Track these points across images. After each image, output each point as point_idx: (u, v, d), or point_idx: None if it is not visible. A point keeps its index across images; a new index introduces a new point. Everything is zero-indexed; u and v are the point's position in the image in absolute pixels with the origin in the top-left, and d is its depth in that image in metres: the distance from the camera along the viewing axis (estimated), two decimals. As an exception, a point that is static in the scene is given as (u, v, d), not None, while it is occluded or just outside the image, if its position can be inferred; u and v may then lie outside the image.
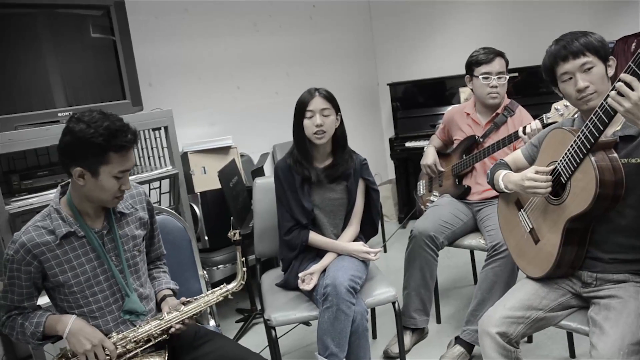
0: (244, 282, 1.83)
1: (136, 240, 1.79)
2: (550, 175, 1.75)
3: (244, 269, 1.82)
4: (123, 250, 1.74)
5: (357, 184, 2.40)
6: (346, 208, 2.41)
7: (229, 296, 1.81)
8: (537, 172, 1.78)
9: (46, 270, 1.63)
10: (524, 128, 2.50)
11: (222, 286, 1.82)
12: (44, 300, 1.77)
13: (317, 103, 2.27)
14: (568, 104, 2.23)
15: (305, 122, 2.29)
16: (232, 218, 1.88)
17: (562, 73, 1.73)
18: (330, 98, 2.30)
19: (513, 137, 2.57)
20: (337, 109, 2.32)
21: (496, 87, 2.69)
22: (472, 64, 2.75)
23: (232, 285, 1.82)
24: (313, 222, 2.40)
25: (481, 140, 2.80)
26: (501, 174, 1.99)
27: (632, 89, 1.44)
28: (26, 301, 1.67)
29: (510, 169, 2.04)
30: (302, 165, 2.34)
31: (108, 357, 1.62)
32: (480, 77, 2.71)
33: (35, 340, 1.66)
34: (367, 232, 2.49)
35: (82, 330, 1.62)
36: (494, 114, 2.78)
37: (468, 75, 2.79)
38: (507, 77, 2.73)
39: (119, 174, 1.60)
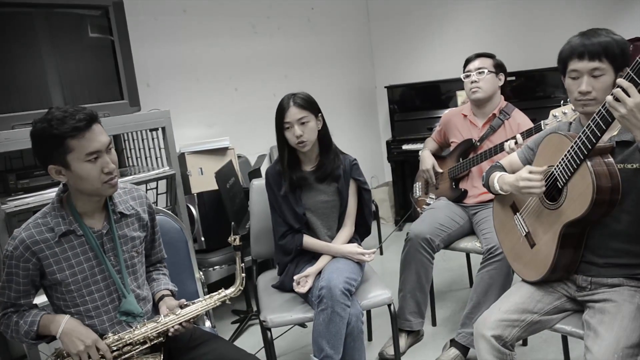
0: (242, 288, 1.82)
1: (135, 242, 1.79)
2: (545, 175, 1.76)
3: (243, 274, 1.82)
4: (122, 251, 1.73)
5: (348, 185, 2.39)
6: (339, 210, 2.41)
7: (227, 301, 1.81)
8: (531, 172, 1.79)
9: (44, 267, 1.63)
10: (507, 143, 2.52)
11: (220, 291, 1.81)
12: (41, 299, 1.77)
13: (293, 114, 2.24)
14: (566, 111, 2.23)
15: (286, 134, 2.28)
16: (232, 223, 1.87)
17: (572, 69, 1.71)
18: (306, 105, 2.26)
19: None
20: (316, 112, 2.30)
21: (476, 81, 2.75)
22: (463, 68, 2.84)
23: (230, 291, 1.81)
24: (307, 226, 2.40)
25: (478, 144, 2.81)
26: (496, 176, 2.00)
27: (629, 96, 1.45)
28: (23, 298, 1.67)
29: (506, 172, 2.04)
30: (288, 171, 2.34)
31: (102, 359, 1.62)
32: (463, 75, 2.81)
33: (29, 340, 1.66)
34: (360, 232, 2.50)
35: (75, 330, 1.61)
36: (491, 115, 2.80)
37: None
38: (488, 72, 2.74)
39: (87, 157, 1.56)
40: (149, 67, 3.39)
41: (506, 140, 2.55)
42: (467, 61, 2.84)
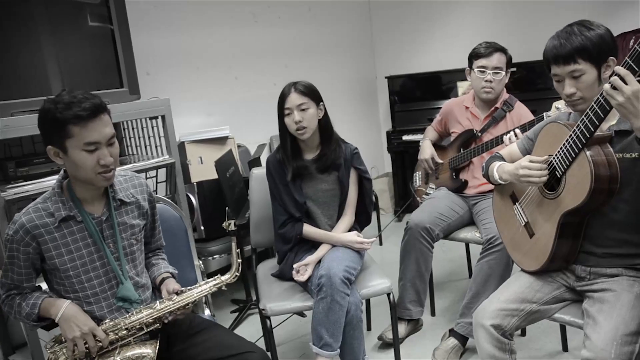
0: (238, 274, 1.81)
1: (134, 229, 1.79)
2: (545, 164, 1.76)
3: (239, 260, 1.81)
4: (120, 237, 1.73)
5: (349, 173, 2.39)
6: (339, 198, 2.41)
7: (223, 287, 1.81)
8: (531, 161, 1.78)
9: (43, 252, 1.63)
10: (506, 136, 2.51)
11: (216, 277, 1.81)
12: (44, 286, 1.77)
13: (293, 99, 2.26)
14: None
15: (286, 120, 2.29)
16: (227, 208, 1.87)
17: (553, 74, 1.73)
18: (307, 92, 2.27)
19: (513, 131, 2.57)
20: (317, 100, 2.31)
21: (491, 82, 2.70)
22: (472, 57, 2.76)
23: (226, 277, 1.81)
24: (307, 214, 2.40)
25: (479, 134, 2.80)
26: (495, 165, 1.99)
27: (626, 83, 1.44)
28: (25, 282, 1.68)
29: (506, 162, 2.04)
30: (291, 159, 2.34)
31: (99, 345, 1.62)
32: (477, 70, 2.72)
33: (30, 322, 1.67)
34: (361, 221, 2.50)
35: (75, 316, 1.62)
36: (493, 108, 2.78)
37: (468, 68, 2.80)
38: (504, 73, 2.72)
39: (86, 146, 1.55)
40: (148, 56, 3.38)
41: (506, 133, 2.54)
42: (481, 54, 2.70)
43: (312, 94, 2.29)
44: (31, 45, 2.46)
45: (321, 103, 2.33)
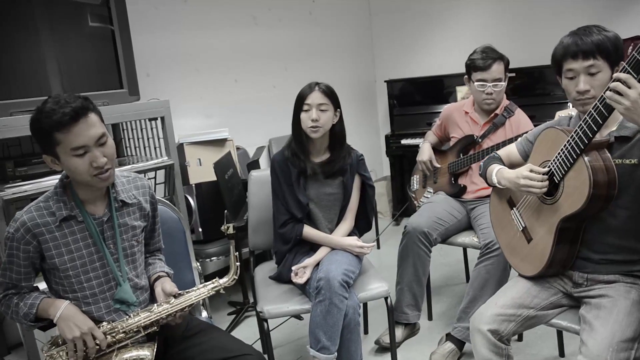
0: (236, 277, 1.80)
1: (135, 231, 1.78)
2: (546, 175, 1.76)
3: (237, 263, 1.80)
4: (121, 239, 1.73)
5: (353, 179, 2.40)
6: (341, 203, 2.41)
7: (221, 291, 1.80)
8: (531, 171, 1.79)
9: (44, 251, 1.63)
10: None
11: (214, 280, 1.79)
12: (43, 285, 1.76)
13: (315, 97, 2.27)
14: (572, 113, 2.23)
15: (302, 115, 2.30)
16: (225, 211, 1.87)
17: (568, 69, 1.71)
18: (329, 94, 2.30)
19: (514, 140, 2.57)
20: (336, 105, 2.32)
21: (491, 94, 2.70)
22: (469, 68, 2.75)
23: (224, 280, 1.79)
24: (308, 216, 2.40)
25: (479, 140, 2.80)
26: (495, 169, 1.99)
27: (629, 87, 1.44)
28: (24, 281, 1.67)
29: (503, 163, 2.04)
30: (298, 159, 2.34)
31: (97, 347, 1.62)
32: (476, 83, 2.71)
33: (28, 322, 1.66)
34: (361, 227, 2.50)
35: (74, 316, 1.61)
36: (493, 114, 2.79)
37: (467, 77, 2.80)
38: (505, 82, 2.72)
39: (74, 151, 1.54)
40: (149, 57, 3.38)
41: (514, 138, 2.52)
42: (479, 67, 2.66)
43: (333, 97, 2.31)
44: (31, 45, 2.46)
45: (338, 109, 2.34)
